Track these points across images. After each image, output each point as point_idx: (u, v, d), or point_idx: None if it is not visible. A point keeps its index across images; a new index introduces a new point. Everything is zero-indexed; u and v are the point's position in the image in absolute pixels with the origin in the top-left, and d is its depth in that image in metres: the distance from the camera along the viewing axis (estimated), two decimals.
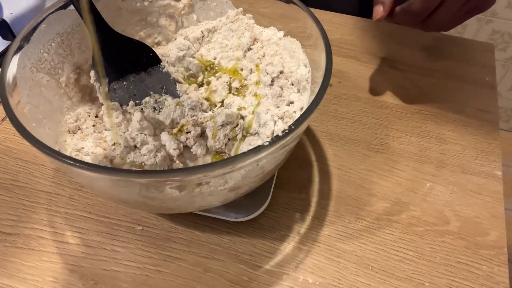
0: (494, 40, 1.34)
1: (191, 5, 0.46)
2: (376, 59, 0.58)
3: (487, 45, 0.61)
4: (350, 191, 0.43)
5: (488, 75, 0.56)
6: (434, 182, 0.44)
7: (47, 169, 0.43)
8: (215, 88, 0.42)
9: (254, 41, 0.45)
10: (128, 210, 0.40)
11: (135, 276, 0.36)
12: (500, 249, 0.39)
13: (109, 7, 0.41)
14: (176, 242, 0.38)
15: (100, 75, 0.37)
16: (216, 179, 0.28)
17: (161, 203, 0.30)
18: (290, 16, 0.40)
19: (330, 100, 0.52)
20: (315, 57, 0.37)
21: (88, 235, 0.38)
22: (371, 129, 0.49)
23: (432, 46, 0.60)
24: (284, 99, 0.40)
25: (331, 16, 0.64)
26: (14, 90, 0.31)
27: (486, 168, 0.45)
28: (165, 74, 0.41)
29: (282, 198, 0.42)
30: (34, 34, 0.35)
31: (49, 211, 0.40)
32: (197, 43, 0.46)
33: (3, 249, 0.37)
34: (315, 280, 0.36)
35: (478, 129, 0.49)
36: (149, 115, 0.38)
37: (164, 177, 0.27)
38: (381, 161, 0.45)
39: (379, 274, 0.37)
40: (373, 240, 0.39)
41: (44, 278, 0.36)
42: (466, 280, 0.37)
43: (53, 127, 0.35)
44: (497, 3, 1.23)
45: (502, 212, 0.41)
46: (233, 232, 0.39)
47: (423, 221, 0.40)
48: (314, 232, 0.39)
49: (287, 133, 0.27)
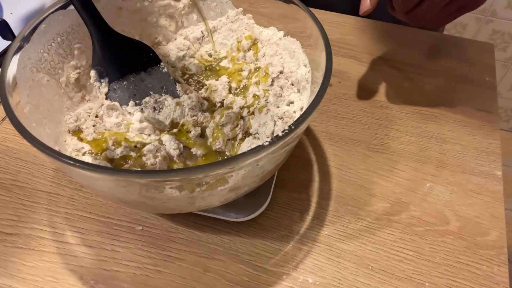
0: (494, 40, 1.35)
1: (191, 5, 0.46)
2: (376, 59, 0.58)
3: (487, 45, 0.61)
4: (350, 191, 0.43)
5: (488, 75, 0.56)
6: (434, 182, 0.44)
7: (47, 169, 0.43)
8: (215, 88, 0.42)
9: (254, 41, 0.45)
10: (128, 210, 0.40)
11: (135, 276, 0.36)
12: (500, 249, 0.39)
13: (109, 7, 0.41)
14: (176, 242, 0.38)
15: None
16: (216, 179, 0.28)
17: (161, 203, 0.30)
18: (290, 16, 0.40)
19: (330, 100, 0.52)
20: (315, 57, 0.37)
21: (88, 235, 0.38)
22: (371, 129, 0.49)
23: (432, 46, 0.60)
24: (284, 99, 0.40)
25: (331, 16, 0.64)
26: (14, 90, 0.31)
27: (486, 168, 0.45)
28: (165, 74, 0.41)
29: (282, 198, 0.42)
30: (34, 34, 0.35)
31: (49, 211, 0.40)
32: (197, 43, 0.46)
33: (3, 249, 0.37)
34: (315, 280, 0.36)
35: (478, 129, 0.49)
36: (149, 115, 0.39)
37: (164, 177, 0.27)
38: (381, 161, 0.45)
39: (379, 274, 0.37)
40: (373, 240, 0.39)
41: (44, 278, 0.36)
42: (466, 280, 0.37)
43: (53, 127, 0.35)
44: (497, 3, 1.24)
45: (502, 212, 0.41)
46: (233, 232, 0.39)
47: (423, 221, 0.40)
48: (314, 232, 0.39)
49: (287, 133, 0.27)
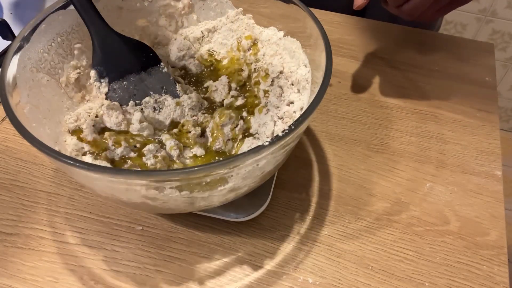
0: (494, 40, 1.34)
1: (191, 5, 0.46)
2: (376, 59, 0.58)
3: (487, 45, 0.61)
4: (350, 191, 0.43)
5: (488, 75, 0.56)
6: (434, 182, 0.44)
7: (47, 169, 0.43)
8: (215, 88, 0.42)
9: (254, 41, 0.45)
10: (128, 210, 0.40)
11: (135, 276, 0.36)
12: (500, 249, 0.39)
13: (109, 7, 0.41)
14: (176, 242, 0.38)
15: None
16: (216, 179, 0.28)
17: (161, 203, 0.30)
18: (290, 16, 0.40)
19: (330, 100, 0.52)
20: (315, 57, 0.37)
21: (88, 235, 0.38)
22: (371, 129, 0.49)
23: (432, 46, 0.60)
24: (284, 99, 0.40)
25: (331, 16, 0.64)
26: (14, 90, 0.31)
27: (486, 168, 0.45)
28: (165, 74, 0.41)
29: (282, 198, 0.42)
30: (34, 34, 0.35)
31: (49, 211, 0.40)
32: (197, 43, 0.46)
33: (3, 249, 0.37)
34: (315, 280, 0.36)
35: (478, 129, 0.49)
36: (149, 115, 0.39)
37: (164, 177, 0.27)
38: (381, 161, 0.45)
39: (379, 274, 0.37)
40: (373, 240, 0.39)
41: (44, 278, 0.36)
42: (466, 280, 0.37)
43: (53, 127, 0.35)
44: (497, 3, 1.24)
45: (502, 212, 0.41)
46: (233, 232, 0.39)
47: (423, 221, 0.40)
48: (314, 232, 0.39)
49: (287, 133, 0.27)
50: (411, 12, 0.44)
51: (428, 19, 0.46)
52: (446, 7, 0.45)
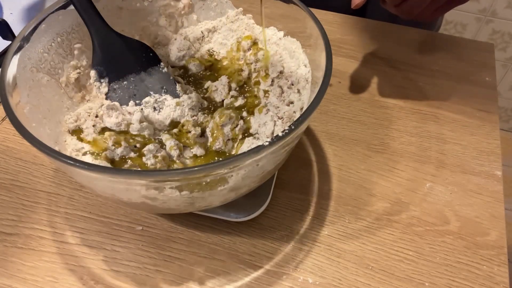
0: (494, 40, 1.34)
1: (191, 5, 0.46)
2: (376, 59, 0.58)
3: (487, 45, 0.61)
4: (350, 191, 0.43)
5: (488, 75, 0.56)
6: (434, 182, 0.44)
7: (47, 169, 0.43)
8: (215, 88, 0.42)
9: (254, 41, 0.45)
10: (128, 210, 0.40)
11: (135, 276, 0.36)
12: (500, 249, 0.39)
13: (109, 7, 0.41)
14: (176, 242, 0.38)
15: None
16: (216, 179, 0.28)
17: (161, 203, 0.30)
18: (290, 16, 0.40)
19: (330, 100, 0.52)
20: (315, 57, 0.37)
21: (88, 235, 0.38)
22: (371, 129, 0.49)
23: (432, 46, 0.60)
24: (284, 99, 0.40)
25: (331, 16, 0.64)
26: (14, 90, 0.31)
27: (486, 168, 0.45)
28: (165, 74, 0.41)
29: (282, 198, 0.42)
30: (34, 34, 0.35)
31: (49, 211, 0.40)
32: (197, 43, 0.46)
33: (3, 249, 0.37)
34: (315, 280, 0.36)
35: (478, 129, 0.49)
36: (149, 115, 0.38)
37: (164, 177, 0.27)
38: (381, 161, 0.45)
39: (379, 274, 0.37)
40: (373, 240, 0.39)
41: (44, 278, 0.36)
42: (466, 280, 0.37)
43: (53, 127, 0.35)
44: (497, 3, 1.24)
45: (502, 212, 0.41)
46: (233, 232, 0.39)
47: (423, 221, 0.40)
48: (314, 232, 0.39)
49: (287, 133, 0.27)
50: (409, 10, 0.45)
51: (427, 18, 0.46)
52: (444, 6, 0.45)
